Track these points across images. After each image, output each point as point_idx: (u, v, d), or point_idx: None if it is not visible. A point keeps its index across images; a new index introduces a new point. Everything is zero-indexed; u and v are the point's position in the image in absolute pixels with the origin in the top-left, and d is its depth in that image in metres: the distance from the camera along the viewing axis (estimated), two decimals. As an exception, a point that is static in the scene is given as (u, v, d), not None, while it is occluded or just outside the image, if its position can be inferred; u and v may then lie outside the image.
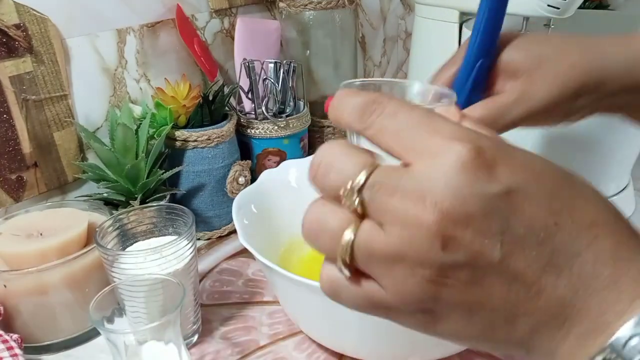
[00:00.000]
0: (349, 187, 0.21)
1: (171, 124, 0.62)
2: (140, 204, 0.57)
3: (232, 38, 0.75)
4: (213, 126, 0.64)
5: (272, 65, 0.69)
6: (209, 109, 0.66)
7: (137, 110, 0.64)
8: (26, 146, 0.59)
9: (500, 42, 0.38)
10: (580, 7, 0.70)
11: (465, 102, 0.38)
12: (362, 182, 0.21)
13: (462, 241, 0.20)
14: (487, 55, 0.37)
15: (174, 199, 0.64)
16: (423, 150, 0.20)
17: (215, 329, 0.51)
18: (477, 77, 0.37)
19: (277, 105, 0.70)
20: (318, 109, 0.80)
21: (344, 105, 0.23)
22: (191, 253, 0.46)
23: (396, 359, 0.44)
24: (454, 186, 0.19)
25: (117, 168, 0.58)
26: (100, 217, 0.53)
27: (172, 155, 0.64)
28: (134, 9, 0.67)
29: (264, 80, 0.69)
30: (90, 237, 0.50)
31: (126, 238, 0.49)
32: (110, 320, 0.39)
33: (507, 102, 0.36)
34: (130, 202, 0.58)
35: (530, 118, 0.37)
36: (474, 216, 0.19)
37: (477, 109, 0.37)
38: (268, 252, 0.44)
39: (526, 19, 0.76)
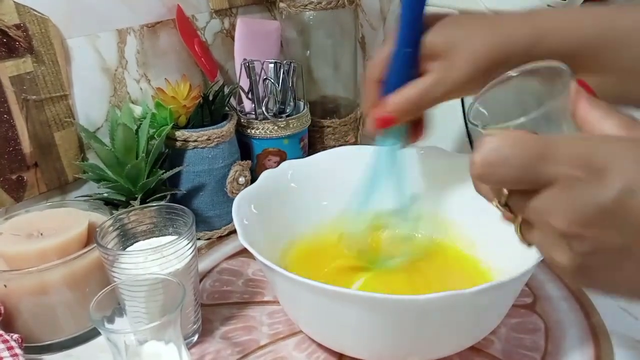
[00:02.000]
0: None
1: (171, 124, 0.62)
2: (140, 204, 0.57)
3: (232, 38, 0.75)
4: (213, 126, 0.64)
5: (272, 65, 0.69)
6: (209, 109, 0.66)
7: (138, 110, 0.64)
8: (26, 146, 0.59)
9: (425, 25, 0.42)
10: (580, 8, 0.70)
11: (400, 84, 0.44)
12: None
13: (585, 237, 0.26)
14: (411, 44, 0.42)
15: (174, 199, 0.64)
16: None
17: (215, 328, 0.52)
18: (405, 63, 0.43)
19: (277, 106, 0.70)
20: (318, 109, 0.80)
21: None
22: (191, 253, 0.46)
23: (396, 359, 0.44)
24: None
25: (117, 168, 0.58)
26: (101, 217, 0.53)
27: (172, 155, 0.64)
28: (134, 9, 0.67)
29: (264, 80, 0.69)
30: (91, 237, 0.50)
31: (126, 238, 0.49)
32: (110, 320, 0.39)
33: (430, 83, 0.42)
34: (131, 202, 0.58)
35: (453, 93, 0.43)
36: (591, 220, 0.25)
37: (407, 90, 0.43)
38: (268, 252, 0.44)
39: (526, 19, 0.76)
